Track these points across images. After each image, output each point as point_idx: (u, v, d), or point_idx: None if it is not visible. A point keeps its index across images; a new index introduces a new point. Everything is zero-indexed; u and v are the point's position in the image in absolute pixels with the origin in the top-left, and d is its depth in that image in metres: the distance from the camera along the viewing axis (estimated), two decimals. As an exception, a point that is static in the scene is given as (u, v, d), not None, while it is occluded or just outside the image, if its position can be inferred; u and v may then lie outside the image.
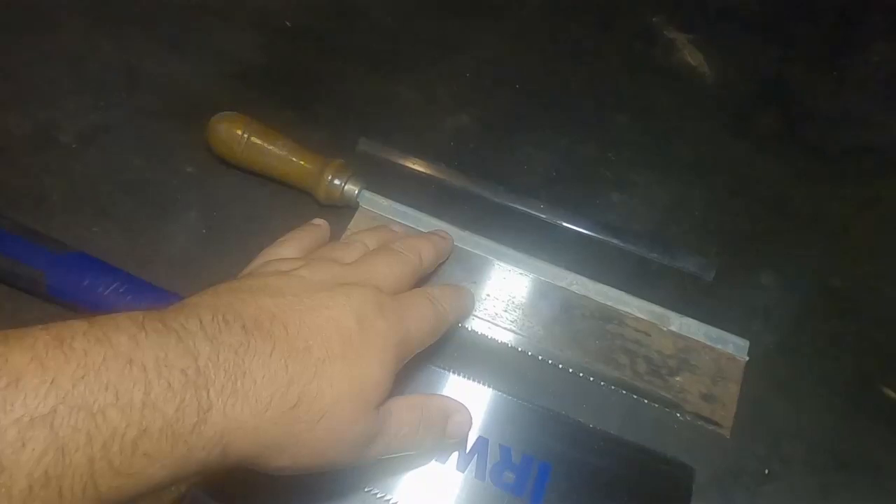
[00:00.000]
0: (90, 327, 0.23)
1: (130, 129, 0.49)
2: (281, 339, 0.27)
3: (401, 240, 0.40)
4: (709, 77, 0.57)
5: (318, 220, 0.42)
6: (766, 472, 0.39)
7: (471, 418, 0.36)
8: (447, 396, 0.38)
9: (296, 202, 0.46)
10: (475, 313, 0.43)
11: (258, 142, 0.45)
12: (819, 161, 0.52)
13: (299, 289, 0.30)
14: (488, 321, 0.42)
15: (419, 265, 0.38)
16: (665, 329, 0.43)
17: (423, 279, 0.41)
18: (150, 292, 0.40)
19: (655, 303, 0.44)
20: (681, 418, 0.40)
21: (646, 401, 0.40)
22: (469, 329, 0.42)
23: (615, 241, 0.46)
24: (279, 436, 0.26)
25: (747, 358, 0.42)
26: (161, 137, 0.49)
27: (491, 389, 0.39)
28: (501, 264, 0.44)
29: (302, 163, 0.45)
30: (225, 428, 0.24)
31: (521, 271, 0.44)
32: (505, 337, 0.42)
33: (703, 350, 0.42)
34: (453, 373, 0.40)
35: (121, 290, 0.40)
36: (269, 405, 0.25)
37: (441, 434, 0.35)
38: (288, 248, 0.38)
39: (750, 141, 0.53)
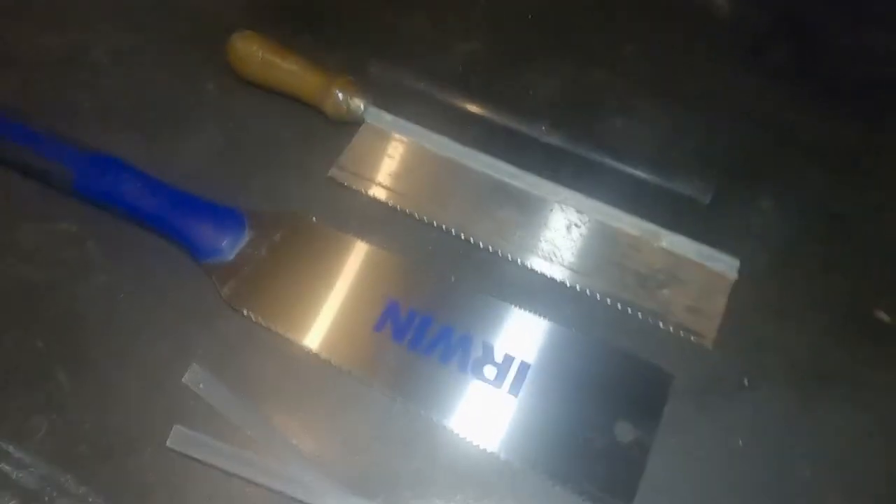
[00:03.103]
0: None
1: (157, 49, 0.53)
2: None
3: None
4: (723, 10, 0.56)
5: None
6: (746, 382, 0.39)
7: None
8: None
9: (306, 118, 0.48)
10: (467, 221, 0.44)
11: (272, 58, 0.47)
12: (830, 95, 0.52)
13: None
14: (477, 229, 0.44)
15: None
16: (655, 245, 0.43)
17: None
18: (165, 191, 0.43)
19: (650, 222, 0.44)
20: (664, 328, 0.41)
21: (630, 310, 0.41)
22: (461, 237, 0.44)
23: (613, 161, 0.47)
24: None
25: (736, 276, 0.42)
26: (185, 57, 0.52)
27: (480, 293, 0.41)
28: (498, 178, 0.46)
29: (311, 78, 0.47)
30: None
31: (518, 186, 0.46)
32: (495, 245, 0.43)
33: (692, 266, 0.43)
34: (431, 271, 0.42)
35: (139, 187, 0.43)
36: None
37: None
38: None
39: (760, 74, 0.52)
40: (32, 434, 0.37)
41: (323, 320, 0.40)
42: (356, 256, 0.43)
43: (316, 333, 0.40)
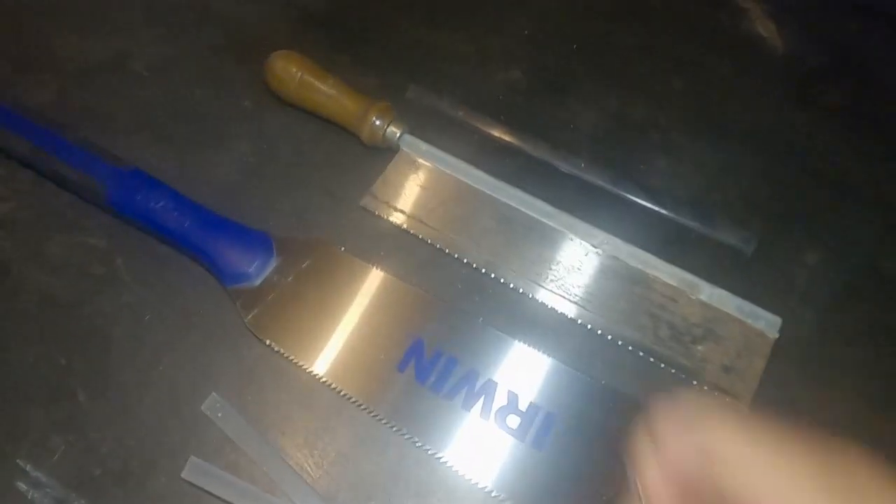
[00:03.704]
0: None
1: (196, 62, 0.52)
2: None
3: None
4: (778, 48, 0.54)
5: None
6: (781, 450, 0.38)
7: None
8: None
9: (341, 141, 0.48)
10: (498, 259, 0.43)
11: (310, 80, 0.47)
12: (884, 140, 0.49)
13: None
14: (509, 269, 0.43)
15: None
16: (694, 297, 0.42)
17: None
18: (196, 212, 0.42)
19: (688, 271, 0.43)
20: (698, 387, 0.39)
21: (663, 365, 0.40)
22: (491, 276, 0.43)
23: (654, 205, 0.45)
24: None
25: (777, 335, 0.41)
26: (223, 72, 0.52)
27: (508, 337, 0.40)
28: (533, 215, 0.44)
29: (349, 103, 0.46)
30: None
31: (553, 225, 0.44)
32: (525, 286, 0.42)
33: (731, 322, 0.41)
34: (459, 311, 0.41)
35: (169, 207, 0.42)
36: None
37: None
38: None
39: (812, 114, 0.50)
40: (50, 454, 0.36)
41: (346, 355, 0.40)
42: (383, 290, 0.42)
43: (338, 368, 0.39)
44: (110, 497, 0.35)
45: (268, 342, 0.40)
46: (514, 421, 0.38)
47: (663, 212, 0.45)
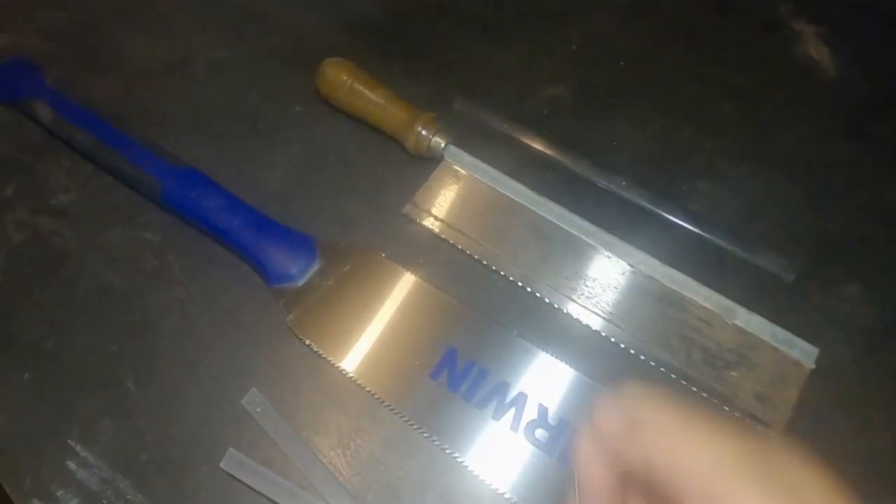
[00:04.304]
0: None
1: (253, 66, 0.54)
2: None
3: None
4: (831, 73, 0.53)
5: None
6: (811, 482, 0.37)
7: None
8: None
9: (387, 149, 0.49)
10: (534, 273, 0.44)
11: (360, 88, 0.48)
12: (938, 175, 0.48)
13: None
14: (544, 283, 0.43)
15: None
16: (729, 322, 0.42)
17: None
18: (245, 212, 0.44)
19: (725, 296, 0.43)
20: (729, 413, 0.39)
21: (694, 388, 0.40)
22: (527, 290, 0.43)
23: (692, 226, 0.46)
24: None
25: (814, 366, 0.40)
26: (277, 77, 0.53)
27: (540, 350, 0.40)
28: (571, 231, 0.45)
29: (396, 112, 0.47)
30: None
31: (590, 242, 0.45)
32: (559, 301, 0.43)
33: (766, 350, 0.41)
34: (493, 322, 0.41)
35: (221, 207, 0.44)
36: None
37: None
38: None
39: (862, 145, 0.50)
40: (99, 437, 0.38)
41: (381, 359, 0.41)
42: (420, 298, 0.43)
43: (373, 372, 0.40)
44: (153, 482, 0.37)
45: (307, 342, 0.41)
46: (542, 434, 0.38)
47: (703, 234, 0.45)
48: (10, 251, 0.45)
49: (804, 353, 0.41)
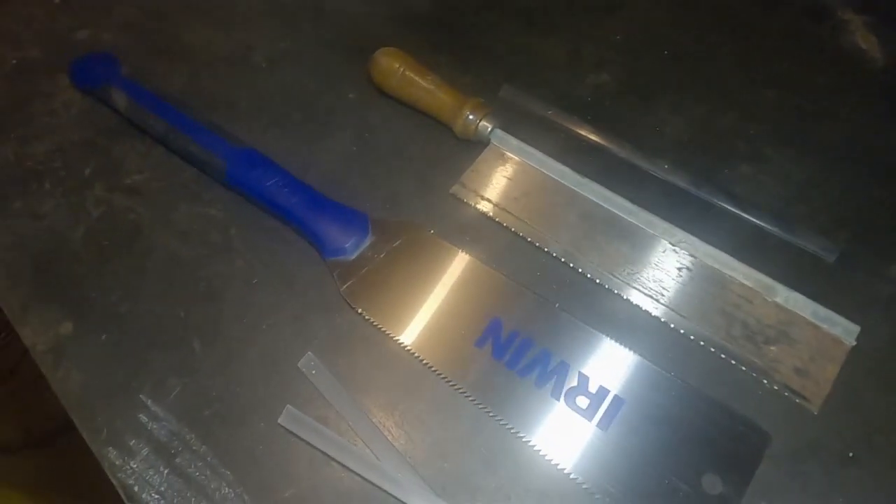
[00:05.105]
0: None
1: (309, 56, 0.57)
2: None
3: None
4: (878, 62, 0.53)
5: None
6: (851, 454, 0.38)
7: None
8: None
9: (436, 134, 0.51)
10: (577, 251, 0.45)
11: (410, 75, 0.50)
12: None
13: None
14: (587, 260, 0.45)
15: None
16: (769, 299, 0.42)
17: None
18: (303, 191, 0.47)
19: (767, 276, 0.43)
20: (768, 386, 0.40)
21: (733, 362, 0.41)
22: (569, 265, 0.45)
23: (734, 208, 0.46)
24: None
25: (854, 343, 0.41)
26: (332, 65, 0.56)
27: (582, 323, 0.42)
28: (613, 211, 0.46)
29: (445, 98, 0.50)
30: None
31: (633, 221, 0.46)
32: (602, 278, 0.44)
33: (806, 326, 0.42)
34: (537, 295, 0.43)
35: (280, 185, 0.47)
36: None
37: None
38: None
39: (909, 131, 0.50)
40: (168, 392, 0.42)
41: (428, 327, 0.43)
42: (467, 271, 0.45)
43: (421, 339, 0.42)
44: (216, 435, 0.40)
45: (359, 311, 0.43)
46: (583, 402, 0.40)
47: (744, 216, 0.46)
48: (89, 226, 0.49)
49: (845, 330, 0.41)
